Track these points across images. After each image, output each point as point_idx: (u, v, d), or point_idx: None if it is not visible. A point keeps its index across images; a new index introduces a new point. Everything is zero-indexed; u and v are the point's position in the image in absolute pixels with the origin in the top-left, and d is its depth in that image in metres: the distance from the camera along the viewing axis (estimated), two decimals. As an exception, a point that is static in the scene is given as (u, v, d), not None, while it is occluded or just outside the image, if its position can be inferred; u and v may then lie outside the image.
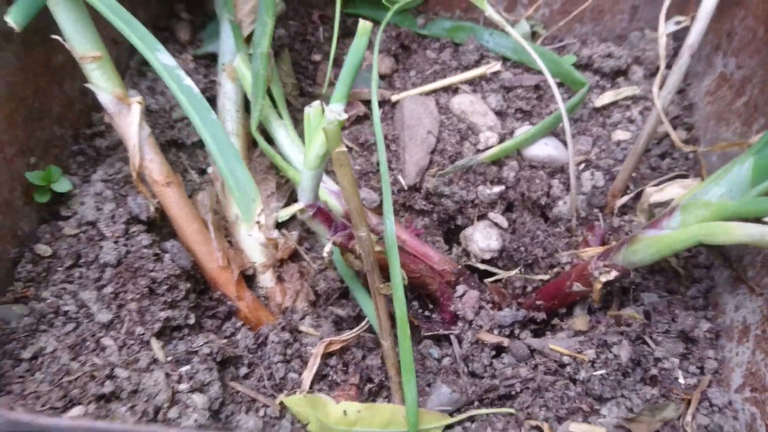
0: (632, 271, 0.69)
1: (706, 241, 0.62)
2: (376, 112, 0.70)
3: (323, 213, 0.69)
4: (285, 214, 0.67)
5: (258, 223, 0.65)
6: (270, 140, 0.83)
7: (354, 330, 0.77)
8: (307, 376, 0.75)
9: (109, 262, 0.71)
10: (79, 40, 0.65)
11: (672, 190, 0.76)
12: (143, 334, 0.68)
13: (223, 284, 0.78)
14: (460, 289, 0.81)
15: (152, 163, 0.71)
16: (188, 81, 0.67)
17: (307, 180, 0.64)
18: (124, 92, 0.69)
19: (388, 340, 0.72)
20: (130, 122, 0.69)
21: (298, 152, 0.77)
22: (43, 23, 0.66)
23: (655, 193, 0.74)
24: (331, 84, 0.96)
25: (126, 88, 0.71)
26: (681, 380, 0.69)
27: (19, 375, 0.64)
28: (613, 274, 0.69)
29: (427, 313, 0.84)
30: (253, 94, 0.72)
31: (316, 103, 0.60)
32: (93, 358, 0.65)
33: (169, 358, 0.68)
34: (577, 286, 0.73)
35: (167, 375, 0.67)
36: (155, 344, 0.68)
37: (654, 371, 0.70)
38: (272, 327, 0.77)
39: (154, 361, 0.67)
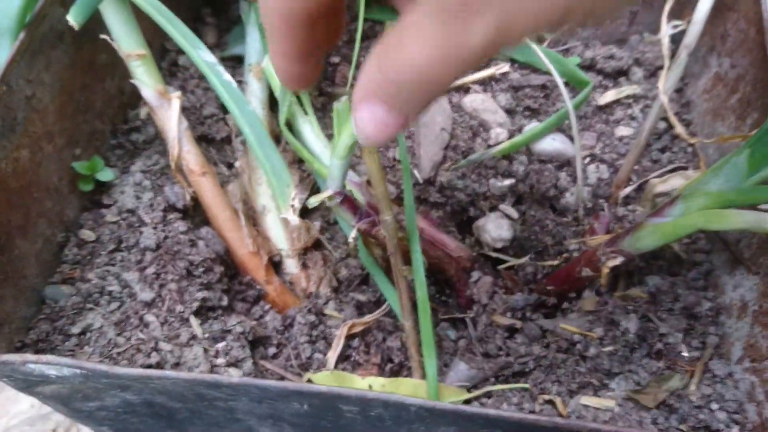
0: (637, 257, 0.74)
1: (706, 228, 0.67)
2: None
3: (349, 200, 0.74)
4: (315, 200, 0.72)
5: (292, 206, 0.70)
6: (294, 135, 0.88)
7: (374, 313, 0.82)
8: (332, 355, 0.79)
9: (149, 246, 0.75)
10: (126, 39, 0.70)
11: (674, 181, 0.81)
12: (183, 311, 0.72)
13: (252, 269, 0.82)
14: (475, 274, 0.86)
15: (189, 154, 0.76)
16: (227, 76, 0.72)
17: (336, 169, 0.69)
18: (164, 88, 0.75)
19: (409, 320, 0.77)
20: (170, 116, 0.74)
21: (323, 146, 0.83)
22: (90, 25, 0.71)
23: (659, 184, 0.79)
24: (352, 85, 1.02)
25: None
26: (685, 354, 0.74)
27: (69, 349, 0.68)
28: (620, 259, 0.74)
29: (443, 298, 0.89)
30: (281, 91, 0.77)
31: (344, 98, 0.65)
32: (138, 333, 0.69)
33: (206, 335, 0.73)
34: (586, 271, 0.78)
35: (205, 350, 0.71)
36: (194, 321, 0.73)
37: (659, 346, 0.75)
38: (299, 310, 0.82)
39: (193, 337, 0.72)
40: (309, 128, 0.83)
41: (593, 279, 0.80)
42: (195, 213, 0.83)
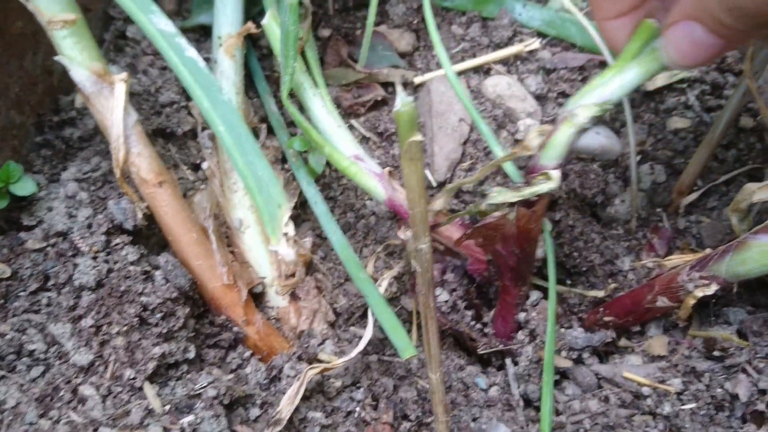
0: (736, 285, 0.58)
1: None
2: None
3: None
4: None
5: (286, 235, 0.50)
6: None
7: (343, 359, 0.63)
8: (286, 408, 0.60)
9: (87, 284, 0.56)
10: (46, -2, 0.50)
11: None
12: (134, 378, 0.53)
13: (227, 306, 0.64)
14: (535, 294, 0.69)
15: (141, 158, 0.57)
16: (191, 52, 0.52)
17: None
18: (104, 67, 0.54)
19: (437, 373, 0.59)
20: (112, 106, 0.54)
21: (336, 126, 0.62)
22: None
23: (758, 190, 0.62)
24: (346, 65, 0.82)
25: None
26: (795, 417, 0.57)
27: (-29, 439, 0.49)
28: (714, 288, 0.57)
29: (479, 325, 0.70)
30: (282, 54, 0.57)
31: (652, 21, 0.52)
32: (70, 414, 0.50)
33: (167, 407, 0.54)
34: (663, 301, 0.61)
35: (166, 430, 0.52)
36: (149, 390, 0.54)
37: (760, 406, 0.58)
38: (287, 357, 0.64)
39: (149, 412, 0.53)
40: (319, 103, 0.62)
41: (668, 311, 0.63)
42: (150, 234, 0.63)
